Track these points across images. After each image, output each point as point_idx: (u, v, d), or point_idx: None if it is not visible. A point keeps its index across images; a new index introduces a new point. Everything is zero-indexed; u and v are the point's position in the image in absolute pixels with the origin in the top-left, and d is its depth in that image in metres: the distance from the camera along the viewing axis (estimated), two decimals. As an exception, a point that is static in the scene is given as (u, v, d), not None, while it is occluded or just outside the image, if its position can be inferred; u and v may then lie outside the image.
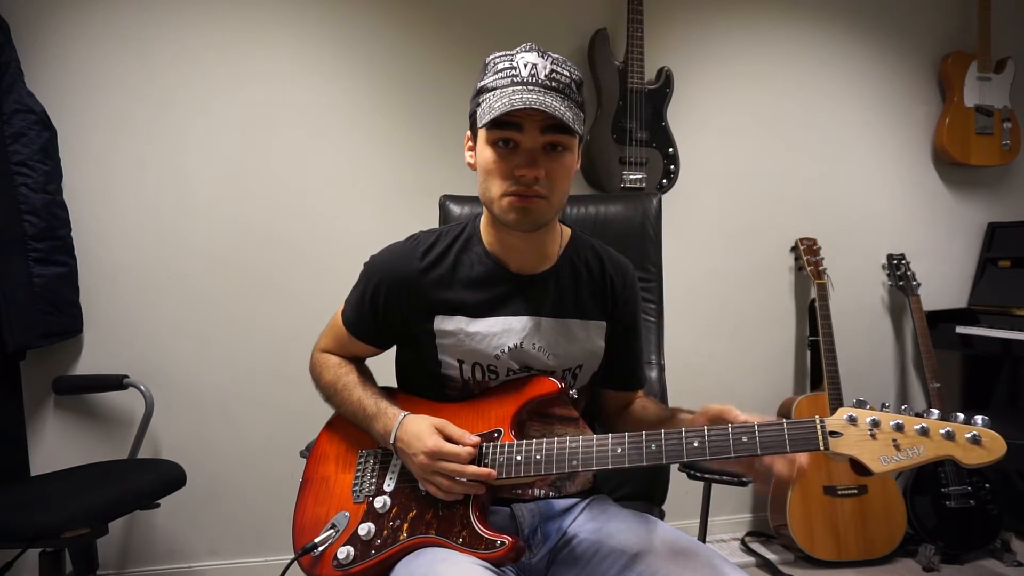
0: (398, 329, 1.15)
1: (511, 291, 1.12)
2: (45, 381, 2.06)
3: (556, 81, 1.01)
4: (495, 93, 1.01)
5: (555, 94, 1.00)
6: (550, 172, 1.02)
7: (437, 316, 1.11)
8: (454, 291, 1.11)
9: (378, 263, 1.17)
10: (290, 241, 2.25)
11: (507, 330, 1.10)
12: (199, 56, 2.17)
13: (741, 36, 2.60)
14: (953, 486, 2.39)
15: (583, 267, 1.17)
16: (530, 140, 1.01)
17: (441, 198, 1.67)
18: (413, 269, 1.12)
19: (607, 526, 1.07)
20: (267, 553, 2.26)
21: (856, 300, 2.71)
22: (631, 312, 1.21)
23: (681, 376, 1.37)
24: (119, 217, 2.13)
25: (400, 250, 1.16)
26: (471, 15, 2.38)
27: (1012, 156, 2.73)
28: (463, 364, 1.11)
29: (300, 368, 2.23)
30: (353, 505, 1.07)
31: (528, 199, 1.02)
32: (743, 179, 2.60)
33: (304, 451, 1.25)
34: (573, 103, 1.02)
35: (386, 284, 1.13)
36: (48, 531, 1.49)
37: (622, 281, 1.19)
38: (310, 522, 1.09)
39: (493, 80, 1.03)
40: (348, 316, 1.18)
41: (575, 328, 1.14)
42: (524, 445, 1.01)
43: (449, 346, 1.11)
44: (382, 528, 1.03)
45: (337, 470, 1.13)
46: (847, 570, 2.34)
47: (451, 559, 0.94)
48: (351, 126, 2.30)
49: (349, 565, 1.01)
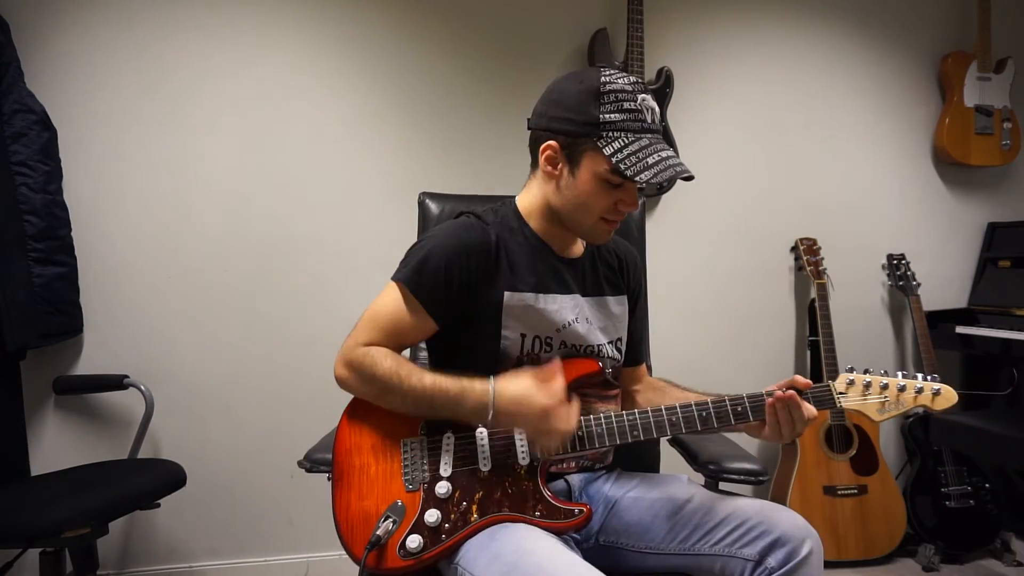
0: (463, 302, 1.14)
1: (561, 271, 1.20)
2: (45, 381, 2.06)
3: (660, 124, 1.11)
4: (628, 137, 1.07)
5: (663, 139, 1.11)
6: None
7: (506, 292, 1.14)
8: (517, 268, 1.16)
9: (445, 236, 1.16)
10: (291, 241, 2.25)
11: (563, 307, 1.18)
12: (199, 56, 2.18)
13: (741, 36, 2.60)
14: (953, 486, 2.39)
15: (604, 251, 1.30)
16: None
17: (420, 195, 1.63)
18: (481, 242, 1.15)
19: (644, 487, 1.21)
20: (267, 553, 2.26)
21: (856, 300, 2.71)
22: (639, 287, 1.37)
23: (681, 376, 1.37)
24: (119, 217, 2.13)
25: (462, 226, 1.17)
26: (472, 15, 2.38)
27: (1012, 156, 2.73)
28: (525, 338, 1.15)
29: (300, 368, 2.26)
30: (407, 494, 1.06)
31: (618, 224, 1.17)
32: (743, 179, 2.60)
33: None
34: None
35: (459, 256, 1.13)
36: (48, 531, 1.49)
37: (632, 261, 1.34)
38: (358, 518, 1.06)
39: (620, 119, 1.07)
40: (416, 285, 1.12)
41: (611, 304, 1.27)
42: (583, 421, 1.10)
43: (514, 320, 1.15)
44: (449, 512, 1.05)
45: (376, 461, 1.10)
46: (847, 570, 2.34)
47: (531, 536, 0.99)
48: (351, 126, 2.30)
49: (420, 552, 1.02)
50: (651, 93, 1.10)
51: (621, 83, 1.08)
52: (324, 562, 2.28)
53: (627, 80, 1.09)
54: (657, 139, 1.09)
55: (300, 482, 2.23)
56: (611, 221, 1.15)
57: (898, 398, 1.09)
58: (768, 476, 1.22)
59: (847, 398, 1.10)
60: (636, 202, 1.13)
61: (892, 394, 1.10)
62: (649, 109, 1.09)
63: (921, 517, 2.39)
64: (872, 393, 1.10)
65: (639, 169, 1.05)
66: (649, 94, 1.10)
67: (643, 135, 1.08)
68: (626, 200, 1.12)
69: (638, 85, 1.10)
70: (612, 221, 1.15)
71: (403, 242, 1.27)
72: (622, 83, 1.08)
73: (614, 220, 1.15)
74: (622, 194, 1.11)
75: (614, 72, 1.10)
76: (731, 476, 1.25)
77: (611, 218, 1.14)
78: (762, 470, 1.23)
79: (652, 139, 1.08)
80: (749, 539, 1.04)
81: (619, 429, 1.11)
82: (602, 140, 1.07)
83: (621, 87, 1.08)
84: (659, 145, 1.08)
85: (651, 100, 1.10)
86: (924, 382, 1.10)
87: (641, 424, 1.11)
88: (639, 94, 1.08)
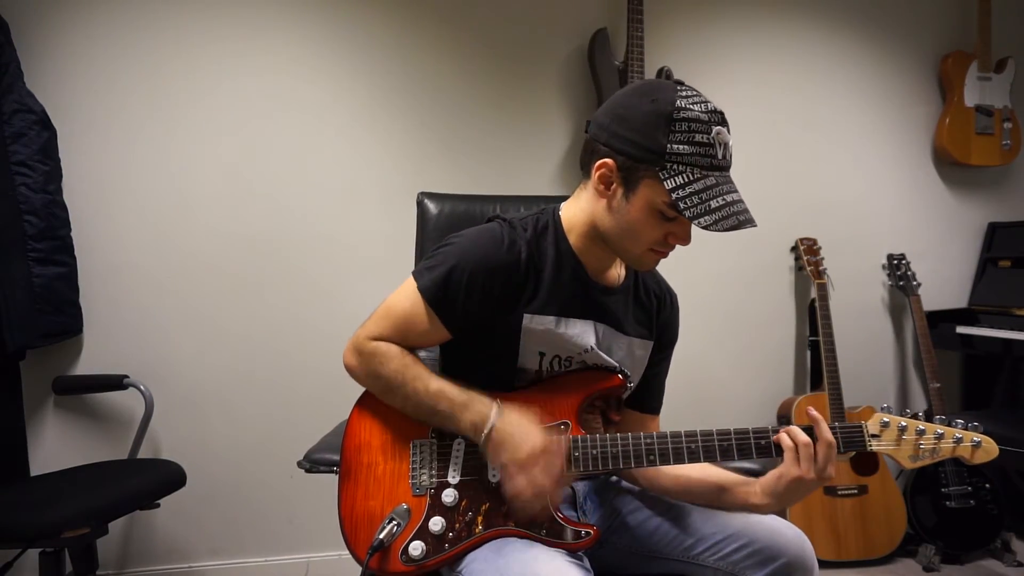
0: (481, 318, 1.09)
1: (591, 297, 1.13)
2: (45, 381, 2.06)
3: (731, 158, 1.02)
4: (694, 174, 0.98)
5: (731, 176, 1.02)
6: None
7: (527, 314, 1.09)
8: (543, 288, 1.10)
9: (474, 249, 1.09)
10: (290, 241, 2.25)
11: (585, 332, 1.12)
12: (199, 56, 2.17)
13: (741, 36, 2.60)
14: (953, 486, 2.39)
15: (642, 288, 1.22)
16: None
17: (419, 195, 1.61)
18: (509, 263, 1.08)
19: (649, 496, 1.18)
20: (267, 553, 2.26)
21: (856, 300, 2.71)
22: (671, 338, 1.27)
23: (681, 376, 1.37)
24: (119, 217, 2.13)
25: (494, 239, 1.10)
26: (471, 15, 2.38)
27: (1012, 156, 2.73)
28: (544, 356, 1.11)
29: (300, 368, 2.25)
30: (413, 498, 1.05)
31: (666, 255, 1.09)
32: (743, 179, 2.56)
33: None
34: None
35: (483, 273, 1.06)
36: (48, 531, 1.49)
37: (670, 306, 1.25)
38: (363, 518, 1.05)
39: (689, 152, 0.98)
40: (436, 297, 1.07)
41: (636, 346, 1.19)
42: (599, 440, 1.06)
43: (533, 341, 1.10)
44: (454, 522, 1.03)
45: (384, 460, 1.08)
46: (847, 570, 2.34)
47: (542, 558, 0.95)
48: (351, 126, 2.30)
49: (422, 560, 1.01)
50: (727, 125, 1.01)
51: (697, 111, 0.98)
52: (324, 562, 2.28)
53: (704, 108, 0.99)
54: (725, 179, 1.00)
55: (300, 482, 2.23)
56: (659, 252, 1.07)
57: (934, 447, 1.04)
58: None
59: (880, 441, 1.05)
60: (689, 238, 1.05)
61: (928, 442, 1.04)
62: (722, 144, 0.99)
63: (921, 517, 2.39)
64: (906, 438, 1.05)
65: (699, 212, 0.97)
66: (726, 126, 1.00)
67: (711, 173, 0.98)
68: (679, 234, 1.04)
69: (715, 115, 0.99)
70: (661, 252, 1.07)
71: (402, 242, 1.28)
72: (698, 111, 0.98)
73: (663, 252, 1.08)
74: (676, 228, 1.04)
75: (692, 95, 1.00)
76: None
77: (660, 249, 1.07)
78: (762, 469, 1.22)
79: (719, 178, 0.99)
80: (756, 560, 1.04)
81: (635, 452, 1.05)
82: (665, 172, 0.98)
83: (696, 116, 0.98)
84: (727, 186, 1.00)
85: (726, 134, 1.00)
86: (964, 431, 1.04)
87: (659, 449, 1.05)
88: (715, 126, 0.98)
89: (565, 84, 2.44)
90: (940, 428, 1.05)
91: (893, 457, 1.05)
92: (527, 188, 2.37)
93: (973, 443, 1.03)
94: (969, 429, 1.04)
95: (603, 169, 1.04)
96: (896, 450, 1.05)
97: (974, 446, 1.03)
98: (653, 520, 1.14)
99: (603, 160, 1.03)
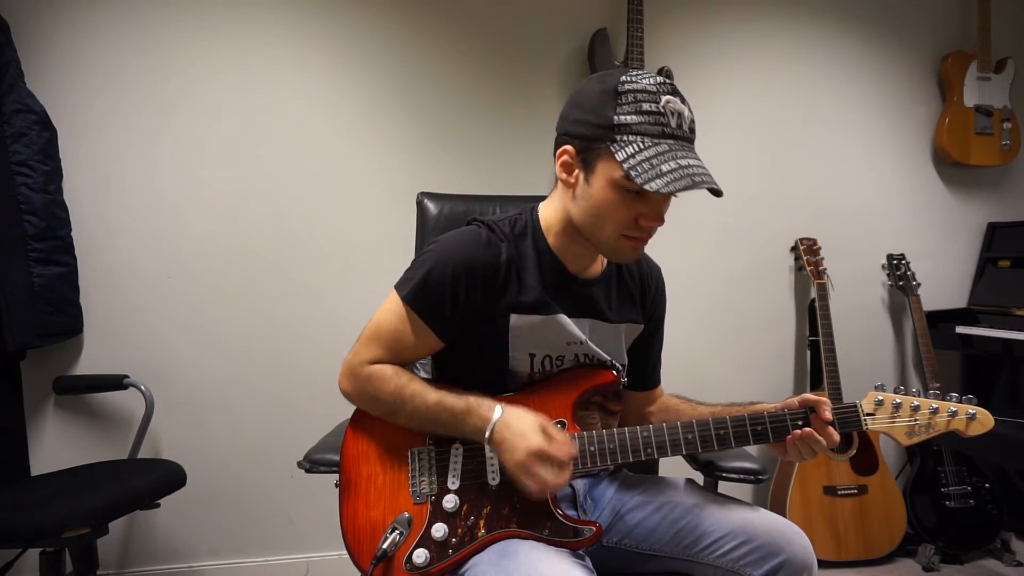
0: (468, 321, 1.09)
1: (573, 293, 1.14)
2: (45, 381, 2.06)
3: (693, 131, 1.00)
4: (644, 142, 0.96)
5: (693, 148, 1.00)
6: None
7: (512, 314, 1.09)
8: (526, 288, 1.10)
9: (451, 251, 1.08)
10: (291, 241, 2.25)
11: (572, 328, 1.12)
12: (199, 56, 2.17)
13: (741, 36, 2.60)
14: (953, 486, 2.39)
15: (626, 272, 1.22)
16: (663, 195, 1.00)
17: (419, 195, 1.61)
18: (488, 262, 1.08)
19: (649, 490, 1.18)
20: (267, 553, 2.26)
21: (856, 300, 2.71)
22: (660, 314, 1.29)
23: (681, 376, 1.37)
24: (119, 217, 2.13)
25: (471, 239, 1.10)
26: (472, 15, 2.38)
27: (1012, 156, 2.73)
28: (534, 357, 1.12)
29: (300, 368, 2.25)
30: (414, 506, 1.05)
31: (643, 241, 1.06)
32: (743, 179, 2.60)
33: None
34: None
35: (464, 273, 1.06)
36: (48, 531, 1.49)
37: (656, 285, 1.27)
38: (365, 528, 1.05)
39: (637, 121, 0.97)
40: (420, 302, 1.07)
41: (621, 331, 1.20)
42: (596, 436, 1.08)
43: (522, 341, 1.11)
44: (456, 527, 1.03)
45: (383, 470, 1.08)
46: (847, 570, 2.34)
47: (546, 559, 0.95)
48: (351, 126, 2.30)
49: (426, 567, 1.01)
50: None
51: (644, 83, 0.98)
52: (324, 562, 2.28)
53: (652, 80, 0.98)
54: (680, 146, 0.98)
55: (300, 482, 2.23)
56: (634, 237, 1.04)
57: (929, 421, 1.04)
58: (768, 475, 1.21)
59: (875, 419, 1.05)
60: (660, 217, 1.01)
61: (923, 417, 1.04)
62: (674, 113, 0.97)
63: (921, 517, 2.39)
64: (902, 415, 1.05)
65: (650, 177, 0.94)
66: (678, 96, 0.99)
67: (663, 140, 0.96)
68: (648, 214, 1.01)
69: (665, 86, 0.98)
70: (635, 237, 1.04)
71: (402, 242, 1.28)
72: (645, 83, 0.98)
73: (637, 236, 1.03)
74: (643, 206, 1.00)
75: (641, 72, 1.00)
76: (731, 475, 1.24)
77: (633, 234, 1.03)
78: (761, 469, 1.23)
79: (673, 145, 0.97)
80: (755, 558, 1.04)
81: (632, 446, 1.07)
82: (616, 144, 0.97)
83: (643, 87, 0.97)
84: (681, 152, 0.97)
85: (678, 103, 0.98)
86: (958, 404, 1.04)
87: (656, 441, 1.07)
88: (664, 95, 0.97)
89: (565, 84, 2.44)
90: (935, 403, 1.05)
91: (890, 434, 1.06)
92: (527, 188, 2.37)
93: (968, 415, 1.03)
94: (964, 402, 1.04)
95: (564, 156, 1.05)
96: (892, 427, 1.05)
97: (969, 418, 1.03)
98: (653, 518, 1.14)
99: (563, 148, 1.05)
